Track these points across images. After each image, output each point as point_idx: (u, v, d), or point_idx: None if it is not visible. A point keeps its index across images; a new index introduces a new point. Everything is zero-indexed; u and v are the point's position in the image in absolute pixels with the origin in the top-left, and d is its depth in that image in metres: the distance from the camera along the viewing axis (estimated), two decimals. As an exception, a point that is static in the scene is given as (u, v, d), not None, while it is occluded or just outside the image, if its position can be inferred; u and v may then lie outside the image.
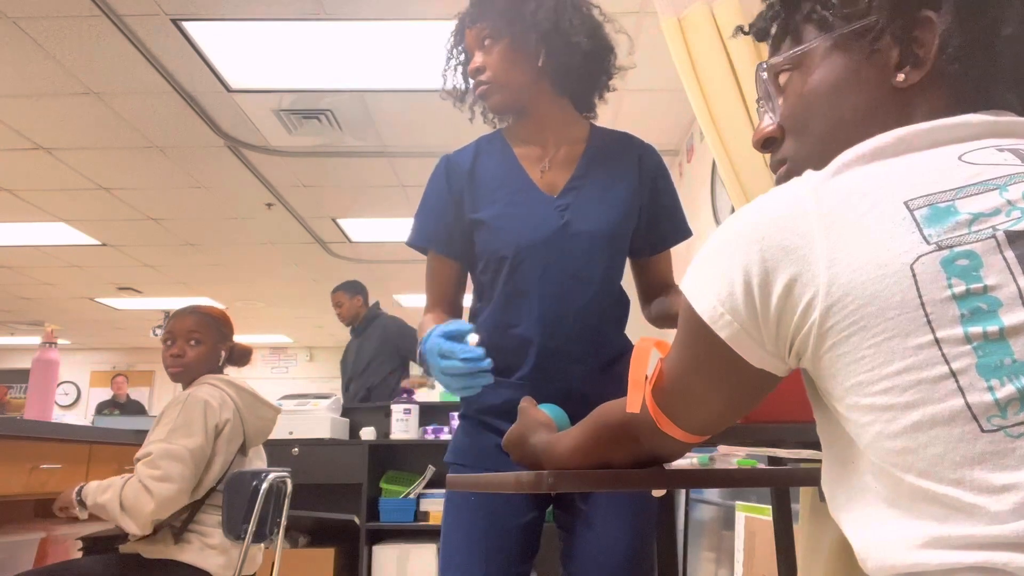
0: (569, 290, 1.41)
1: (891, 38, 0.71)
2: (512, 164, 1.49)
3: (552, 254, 1.41)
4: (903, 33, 0.71)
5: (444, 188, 1.50)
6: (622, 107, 3.96)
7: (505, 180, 1.48)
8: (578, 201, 1.45)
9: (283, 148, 4.63)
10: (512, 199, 1.46)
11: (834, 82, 0.74)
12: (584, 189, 1.46)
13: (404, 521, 4.11)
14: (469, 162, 1.50)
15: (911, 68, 0.71)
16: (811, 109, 0.76)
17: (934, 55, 0.70)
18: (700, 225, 3.84)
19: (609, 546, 1.39)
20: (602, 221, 1.44)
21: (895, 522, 0.58)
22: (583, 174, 1.48)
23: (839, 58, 0.75)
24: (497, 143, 1.54)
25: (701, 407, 0.75)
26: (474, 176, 1.49)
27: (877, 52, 0.72)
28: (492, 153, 1.52)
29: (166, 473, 2.07)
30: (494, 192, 1.47)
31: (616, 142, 1.54)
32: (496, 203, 1.46)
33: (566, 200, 1.45)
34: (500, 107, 1.47)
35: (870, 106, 0.72)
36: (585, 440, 0.96)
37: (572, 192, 1.46)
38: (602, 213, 1.45)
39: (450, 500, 1.45)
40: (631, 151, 1.53)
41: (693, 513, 3.33)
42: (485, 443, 1.45)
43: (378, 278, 7.60)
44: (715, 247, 0.67)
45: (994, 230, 0.56)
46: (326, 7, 3.26)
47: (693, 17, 2.37)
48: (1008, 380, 0.54)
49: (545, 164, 1.48)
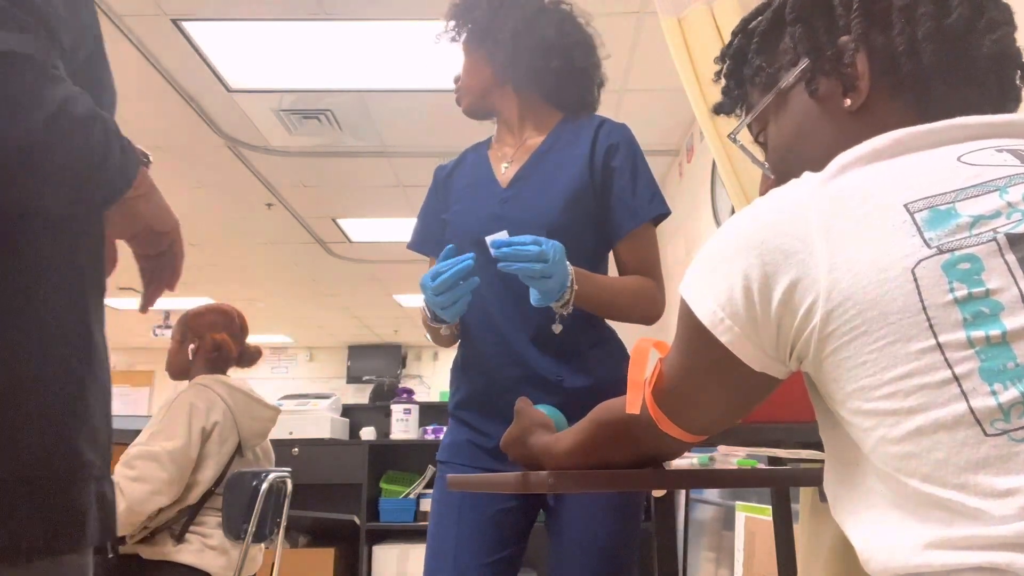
0: (511, 281, 1.30)
1: (824, 74, 0.76)
2: (483, 164, 1.53)
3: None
4: (832, 66, 0.75)
5: (432, 195, 1.59)
6: (622, 107, 3.96)
7: (472, 180, 1.52)
8: (522, 192, 1.44)
9: (283, 148, 4.63)
10: (472, 195, 1.50)
11: (796, 128, 0.80)
12: (531, 179, 1.45)
13: (404, 521, 4.11)
14: (450, 167, 1.58)
15: (853, 93, 0.74)
16: (788, 157, 0.81)
17: (868, 74, 0.73)
18: (700, 225, 3.83)
19: (593, 549, 1.39)
20: (539, 211, 1.39)
21: (899, 524, 0.58)
22: (533, 164, 1.47)
23: (793, 106, 0.80)
24: (482, 147, 1.58)
25: (701, 408, 0.75)
26: (450, 180, 1.57)
27: (819, 90, 0.77)
28: (473, 156, 1.58)
29: (140, 474, 2.08)
30: (461, 191, 1.53)
31: (578, 129, 1.49)
32: (459, 201, 1.51)
33: (511, 191, 1.45)
34: (468, 111, 1.55)
35: (836, 138, 0.74)
36: (584, 440, 0.96)
37: (519, 183, 1.46)
38: (542, 202, 1.41)
39: (432, 496, 1.51)
40: (587, 135, 1.46)
41: (693, 513, 3.33)
42: (459, 439, 1.48)
43: (378, 278, 7.60)
44: (714, 251, 0.67)
45: (995, 233, 0.56)
46: (326, 7, 3.26)
47: (693, 17, 2.37)
48: (1011, 384, 0.53)
49: (509, 160, 1.50)
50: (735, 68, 0.87)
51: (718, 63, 0.90)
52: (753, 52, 0.83)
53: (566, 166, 1.45)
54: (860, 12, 0.74)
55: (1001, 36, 0.73)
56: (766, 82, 0.82)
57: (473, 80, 1.51)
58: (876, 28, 0.74)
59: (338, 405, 4.44)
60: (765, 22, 0.82)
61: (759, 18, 0.83)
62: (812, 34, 0.77)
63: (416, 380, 10.31)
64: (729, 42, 0.88)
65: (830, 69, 0.75)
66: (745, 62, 0.85)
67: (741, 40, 0.86)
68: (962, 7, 0.71)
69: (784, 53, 0.80)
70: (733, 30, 0.87)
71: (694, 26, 2.35)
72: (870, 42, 0.73)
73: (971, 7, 0.72)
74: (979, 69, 0.72)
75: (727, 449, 1.51)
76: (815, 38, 0.77)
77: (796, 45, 0.78)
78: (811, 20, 0.77)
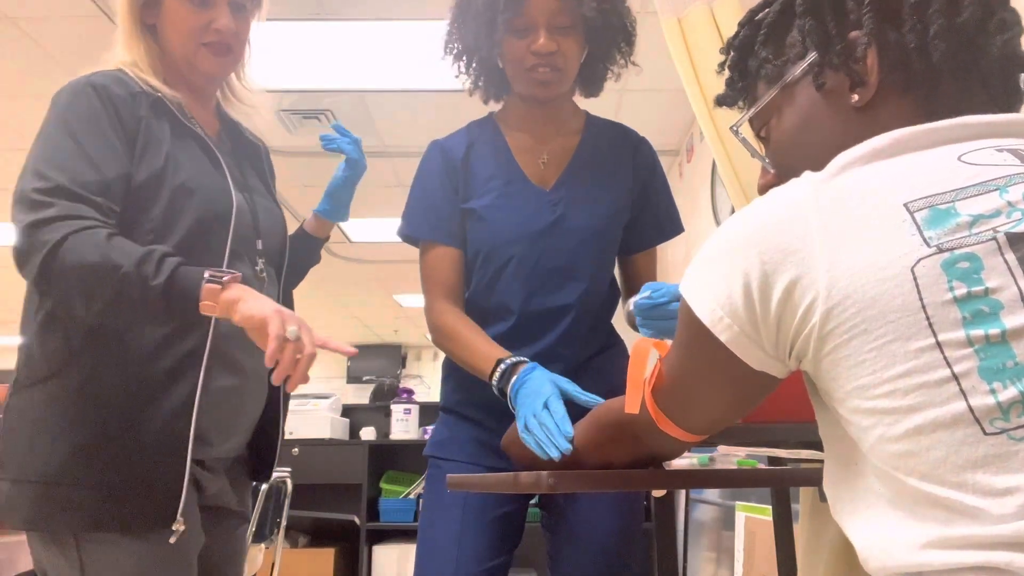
0: (558, 285, 1.39)
1: (832, 68, 0.75)
2: (505, 154, 1.46)
3: (542, 248, 1.39)
4: (841, 60, 0.74)
5: (442, 176, 1.45)
6: (622, 107, 3.95)
7: (497, 170, 1.44)
8: (571, 196, 1.43)
9: (283, 148, 4.62)
10: (504, 190, 1.43)
11: (801, 123, 0.79)
12: (577, 184, 1.44)
13: (404, 521, 4.11)
14: (463, 150, 1.46)
15: (861, 88, 0.74)
16: (791, 152, 0.80)
17: (877, 70, 0.73)
18: (700, 225, 3.83)
19: (594, 546, 1.38)
20: (594, 217, 1.42)
21: (898, 524, 0.58)
22: (577, 168, 1.45)
23: (798, 100, 0.79)
24: (488, 129, 1.49)
25: (701, 408, 0.75)
26: (468, 164, 1.45)
27: (826, 84, 0.76)
28: (485, 141, 1.47)
29: None
30: (487, 182, 1.43)
31: (611, 135, 1.51)
32: (488, 193, 1.43)
33: (559, 194, 1.43)
34: (552, 97, 1.41)
35: (841, 132, 0.74)
36: (584, 440, 0.96)
37: (564, 186, 1.44)
38: (595, 209, 1.43)
39: (427, 493, 1.44)
40: (626, 145, 1.50)
41: (693, 513, 3.33)
42: (463, 435, 1.44)
43: (378, 278, 7.59)
44: (714, 250, 0.67)
45: (995, 232, 0.56)
46: (326, 7, 3.26)
47: (693, 17, 2.37)
48: (1010, 383, 0.53)
49: (544, 157, 1.45)
50: (740, 60, 0.86)
51: (723, 54, 0.89)
52: (760, 44, 0.82)
53: (612, 177, 1.46)
54: (872, 7, 0.73)
55: (1011, 37, 0.72)
56: (772, 74, 0.81)
57: (574, 67, 1.40)
58: (888, 24, 0.73)
59: (338, 405, 4.44)
60: (773, 14, 0.81)
61: (766, 10, 0.82)
62: (822, 27, 0.76)
63: (416, 380, 10.32)
64: (735, 33, 0.87)
65: (839, 63, 0.75)
66: (751, 54, 0.84)
67: (747, 31, 0.84)
68: (973, 6, 0.71)
69: (791, 46, 0.79)
70: (740, 21, 0.86)
71: (694, 26, 2.35)
72: (881, 38, 0.73)
73: (982, 7, 0.71)
74: (988, 69, 0.72)
75: (727, 449, 1.51)
76: (825, 31, 0.76)
77: (805, 38, 0.77)
78: (821, 13, 0.76)
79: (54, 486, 1.07)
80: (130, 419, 1.10)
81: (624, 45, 1.45)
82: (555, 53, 1.34)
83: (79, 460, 1.08)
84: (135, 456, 1.09)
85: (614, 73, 1.48)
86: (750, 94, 0.86)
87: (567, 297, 1.40)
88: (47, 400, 1.10)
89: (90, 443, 1.08)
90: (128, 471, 1.08)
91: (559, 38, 1.34)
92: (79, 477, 1.07)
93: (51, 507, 1.07)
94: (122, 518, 1.08)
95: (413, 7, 3.12)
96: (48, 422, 1.09)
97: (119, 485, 1.08)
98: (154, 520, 1.08)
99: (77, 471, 1.07)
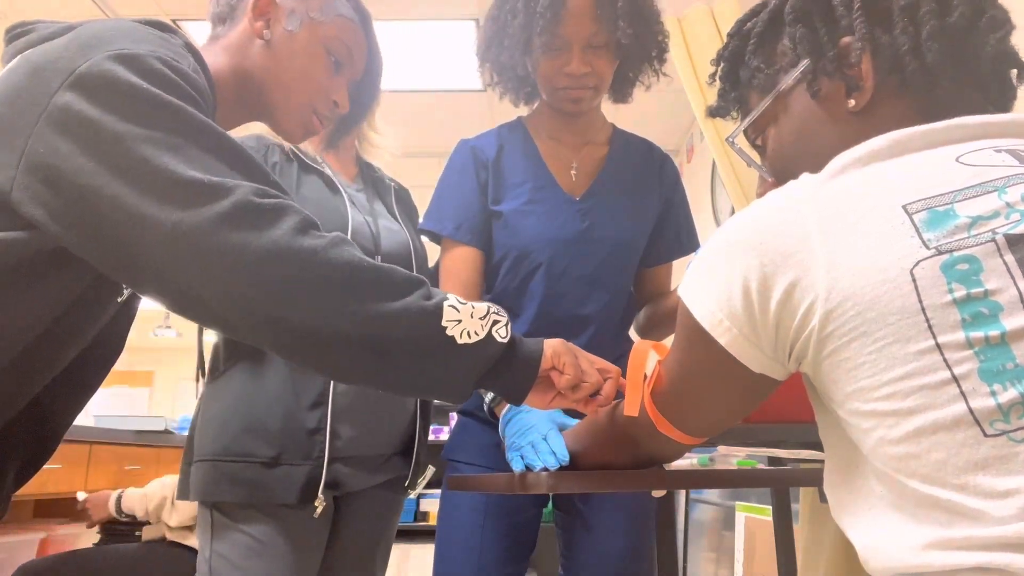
0: (584, 294, 1.40)
1: (826, 75, 0.75)
2: (535, 160, 1.46)
3: (571, 256, 1.40)
4: (835, 66, 0.75)
5: (471, 175, 1.45)
6: (622, 107, 3.96)
7: (528, 175, 1.45)
8: (601, 206, 1.44)
9: (283, 148, 4.62)
10: (534, 196, 1.43)
11: (798, 130, 0.79)
12: (606, 195, 1.45)
13: (404, 521, 4.11)
14: (494, 151, 1.46)
15: (857, 93, 0.74)
16: (789, 159, 0.80)
17: (872, 74, 0.73)
18: (700, 225, 3.82)
19: (608, 548, 1.38)
20: (622, 229, 1.44)
21: (899, 525, 0.58)
22: (606, 179, 1.46)
23: (793, 108, 0.79)
24: (519, 134, 1.50)
25: (700, 410, 0.75)
26: (499, 167, 1.45)
27: (821, 91, 0.76)
28: (515, 144, 1.48)
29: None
30: (517, 186, 1.44)
31: (639, 149, 1.54)
32: (518, 198, 1.43)
33: (588, 204, 1.43)
34: (583, 112, 1.44)
35: (839, 138, 0.74)
36: (584, 441, 0.96)
37: (594, 196, 1.44)
38: (625, 220, 1.44)
39: (447, 497, 1.43)
40: (653, 160, 1.53)
41: (693, 513, 3.33)
42: (484, 440, 1.42)
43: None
44: (713, 252, 0.67)
45: (994, 233, 0.56)
46: (326, 7, 3.26)
47: (693, 17, 2.37)
48: (1010, 384, 0.53)
49: (574, 166, 1.46)
50: (731, 70, 0.86)
51: (713, 65, 0.89)
52: (750, 54, 0.82)
53: (640, 191, 1.48)
54: (862, 12, 0.73)
55: (1003, 35, 0.73)
56: (764, 84, 0.81)
57: (607, 85, 1.42)
58: (879, 28, 0.73)
59: (338, 405, 4.43)
60: (761, 23, 0.82)
61: (754, 19, 0.83)
62: (813, 35, 0.76)
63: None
64: (724, 44, 0.87)
65: (833, 70, 0.75)
66: (742, 64, 0.84)
67: (737, 42, 0.85)
68: (963, 6, 0.71)
69: (783, 54, 0.79)
70: (728, 32, 0.87)
71: (694, 26, 2.35)
72: (874, 42, 0.73)
73: (972, 6, 0.72)
74: (982, 68, 0.72)
75: (727, 449, 1.51)
76: (816, 39, 0.76)
77: (796, 46, 0.77)
78: (811, 21, 0.76)
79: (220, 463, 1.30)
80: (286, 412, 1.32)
81: (657, 62, 1.47)
82: (588, 74, 1.35)
83: (245, 440, 1.29)
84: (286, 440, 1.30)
85: (643, 84, 1.49)
86: (743, 104, 0.86)
87: (592, 306, 1.40)
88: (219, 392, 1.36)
89: (254, 428, 1.30)
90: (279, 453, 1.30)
91: (592, 58, 1.34)
92: (244, 454, 1.29)
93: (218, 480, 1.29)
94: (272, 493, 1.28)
95: (413, 7, 3.13)
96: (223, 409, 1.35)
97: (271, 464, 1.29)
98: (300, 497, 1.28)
99: (243, 449, 1.29)
